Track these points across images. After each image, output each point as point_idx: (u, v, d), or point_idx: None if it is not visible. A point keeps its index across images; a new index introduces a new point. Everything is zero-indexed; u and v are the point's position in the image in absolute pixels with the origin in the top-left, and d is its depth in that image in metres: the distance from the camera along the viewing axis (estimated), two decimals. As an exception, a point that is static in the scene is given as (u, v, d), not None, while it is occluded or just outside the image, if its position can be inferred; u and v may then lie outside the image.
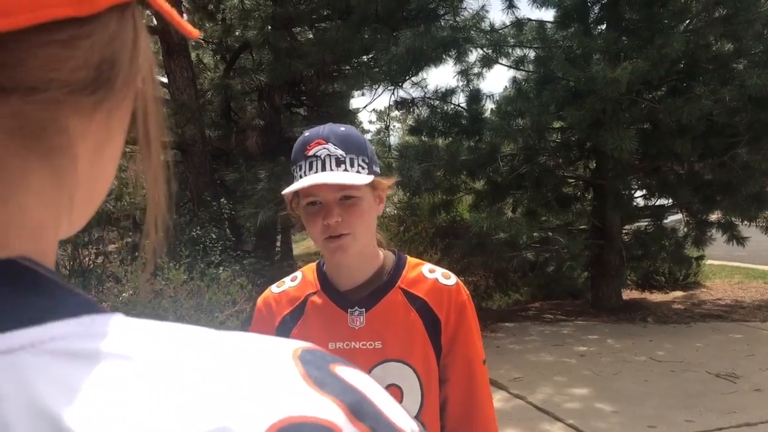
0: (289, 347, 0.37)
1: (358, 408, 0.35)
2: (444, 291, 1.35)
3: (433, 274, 1.39)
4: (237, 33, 11.00)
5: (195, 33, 0.43)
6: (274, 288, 1.45)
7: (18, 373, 0.31)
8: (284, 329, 1.37)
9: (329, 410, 0.34)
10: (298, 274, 1.45)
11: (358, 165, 1.27)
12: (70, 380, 0.32)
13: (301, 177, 1.26)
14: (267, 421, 0.32)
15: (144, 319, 0.37)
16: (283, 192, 1.30)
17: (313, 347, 0.38)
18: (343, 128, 1.31)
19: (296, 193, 1.32)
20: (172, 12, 0.41)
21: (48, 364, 0.32)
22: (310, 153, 1.26)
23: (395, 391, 1.30)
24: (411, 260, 1.42)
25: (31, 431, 0.30)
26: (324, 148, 1.25)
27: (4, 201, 0.34)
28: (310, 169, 1.25)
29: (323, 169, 1.24)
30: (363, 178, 1.26)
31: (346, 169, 1.25)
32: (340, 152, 1.26)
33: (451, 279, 1.38)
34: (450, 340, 1.34)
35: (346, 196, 1.27)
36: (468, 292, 1.39)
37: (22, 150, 0.35)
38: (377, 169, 1.33)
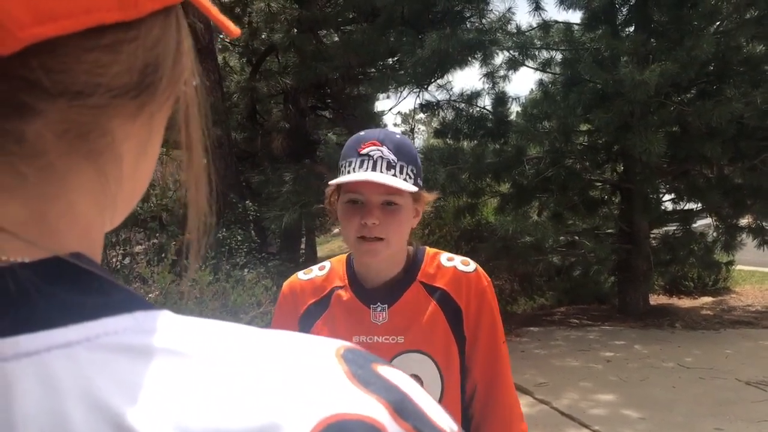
0: (333, 346, 0.38)
1: (402, 407, 0.36)
2: (463, 278, 1.36)
3: (452, 262, 1.39)
4: (263, 36, 11.11)
5: (236, 31, 0.43)
6: (301, 275, 1.46)
7: (76, 367, 0.32)
8: (308, 318, 1.39)
9: (374, 408, 0.35)
10: (327, 264, 1.46)
11: (407, 173, 1.29)
12: (125, 375, 0.33)
13: (349, 172, 1.27)
14: (315, 418, 0.33)
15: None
16: (330, 182, 1.32)
17: (355, 347, 0.39)
18: (398, 136, 1.33)
19: (338, 188, 1.34)
20: (214, 10, 0.40)
21: (103, 358, 0.33)
22: (363, 151, 1.28)
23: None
24: (429, 251, 1.43)
25: (88, 422, 0.31)
26: (378, 150, 1.27)
27: (55, 198, 0.35)
28: (361, 166, 1.27)
29: (374, 169, 1.26)
30: (410, 186, 1.28)
31: (395, 174, 1.27)
32: (392, 157, 1.27)
33: (470, 265, 1.39)
34: (473, 329, 1.35)
35: (389, 201, 1.29)
36: (489, 278, 1.40)
37: (69, 151, 0.35)
38: (421, 183, 1.35)
